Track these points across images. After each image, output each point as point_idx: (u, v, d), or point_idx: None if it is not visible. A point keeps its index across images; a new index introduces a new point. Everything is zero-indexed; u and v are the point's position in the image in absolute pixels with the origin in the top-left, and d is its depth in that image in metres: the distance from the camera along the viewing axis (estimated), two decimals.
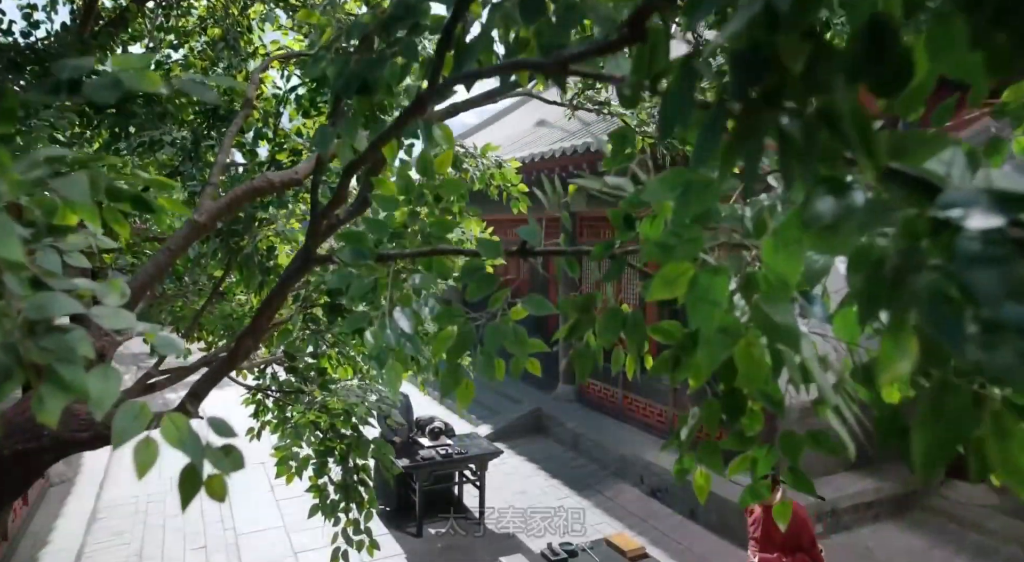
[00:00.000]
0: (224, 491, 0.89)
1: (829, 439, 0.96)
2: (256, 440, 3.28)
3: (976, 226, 0.42)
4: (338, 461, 2.33)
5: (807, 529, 3.96)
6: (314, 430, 2.30)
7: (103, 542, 6.29)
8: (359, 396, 2.19)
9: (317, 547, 6.18)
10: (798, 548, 3.93)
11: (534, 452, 8.79)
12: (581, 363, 1.13)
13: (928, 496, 6.89)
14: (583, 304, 1.02)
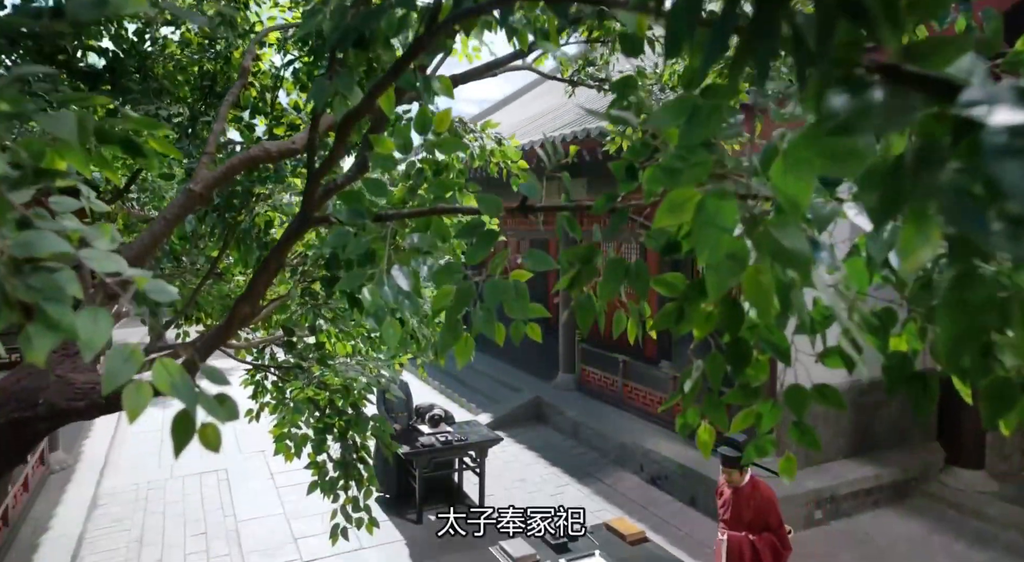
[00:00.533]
0: (218, 440, 0.87)
1: (836, 393, 0.94)
2: (255, 421, 3.27)
3: (1002, 121, 0.40)
4: (337, 438, 2.31)
5: (774, 510, 3.99)
6: (312, 409, 2.28)
7: (104, 528, 6.31)
8: (358, 371, 2.17)
9: (317, 533, 6.19)
10: (765, 528, 3.96)
11: (534, 440, 8.79)
12: (582, 314, 1.11)
13: (927, 483, 6.90)
14: (584, 254, 0.99)
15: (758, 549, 3.90)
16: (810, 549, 5.83)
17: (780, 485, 6.23)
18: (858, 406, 6.95)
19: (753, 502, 3.99)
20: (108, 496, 7.07)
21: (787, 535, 4.03)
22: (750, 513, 3.97)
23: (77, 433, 8.66)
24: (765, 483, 4.12)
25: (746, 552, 3.92)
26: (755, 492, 4.03)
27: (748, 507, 4.00)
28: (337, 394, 2.20)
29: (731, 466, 4.07)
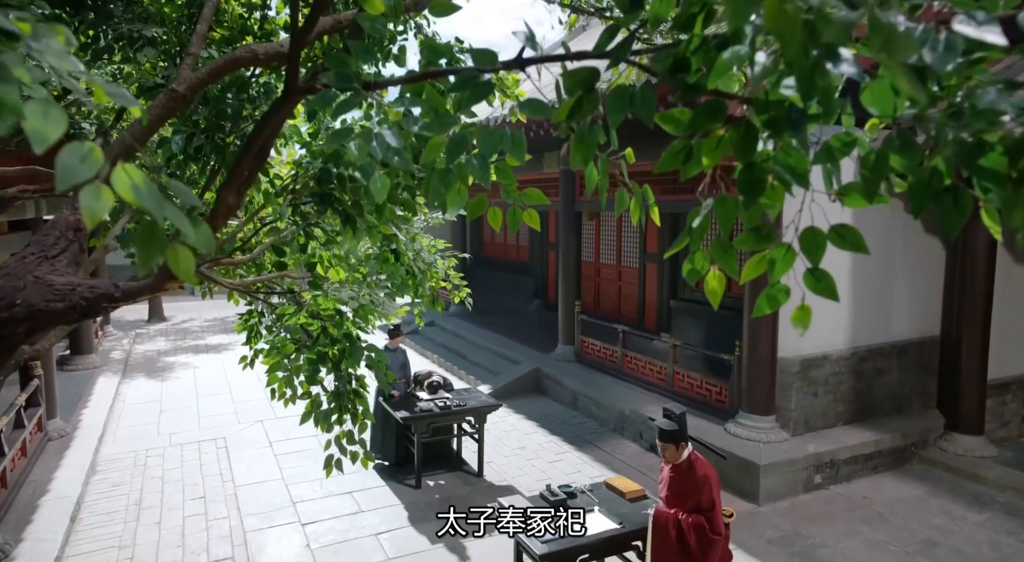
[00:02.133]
0: (191, 267, 0.79)
1: (854, 234, 0.87)
2: (250, 368, 3.22)
3: None
4: (330, 369, 2.26)
5: (708, 490, 3.59)
6: (305, 338, 2.22)
7: (103, 492, 6.30)
8: (351, 295, 2.11)
9: (316, 497, 6.20)
10: (697, 508, 3.60)
11: (533, 410, 8.78)
12: (582, 148, 1.04)
13: (927, 448, 6.90)
14: (586, 78, 0.92)
15: (684, 529, 3.53)
16: (809, 512, 5.83)
17: (780, 449, 6.24)
18: (858, 373, 6.92)
19: (689, 480, 3.64)
20: (106, 462, 7.06)
21: (721, 518, 3.60)
22: (686, 492, 3.63)
23: (75, 403, 8.65)
24: (705, 461, 3.72)
25: (671, 531, 3.57)
26: (692, 470, 3.66)
27: (683, 486, 3.65)
28: (330, 321, 2.14)
29: (668, 440, 3.71)
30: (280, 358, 2.24)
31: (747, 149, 0.79)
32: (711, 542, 3.51)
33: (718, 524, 3.53)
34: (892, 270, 7.06)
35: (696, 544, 3.50)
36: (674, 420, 3.73)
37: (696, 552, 3.51)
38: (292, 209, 2.01)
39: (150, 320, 15.80)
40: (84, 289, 1.53)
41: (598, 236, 12.18)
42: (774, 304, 1.00)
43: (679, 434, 3.70)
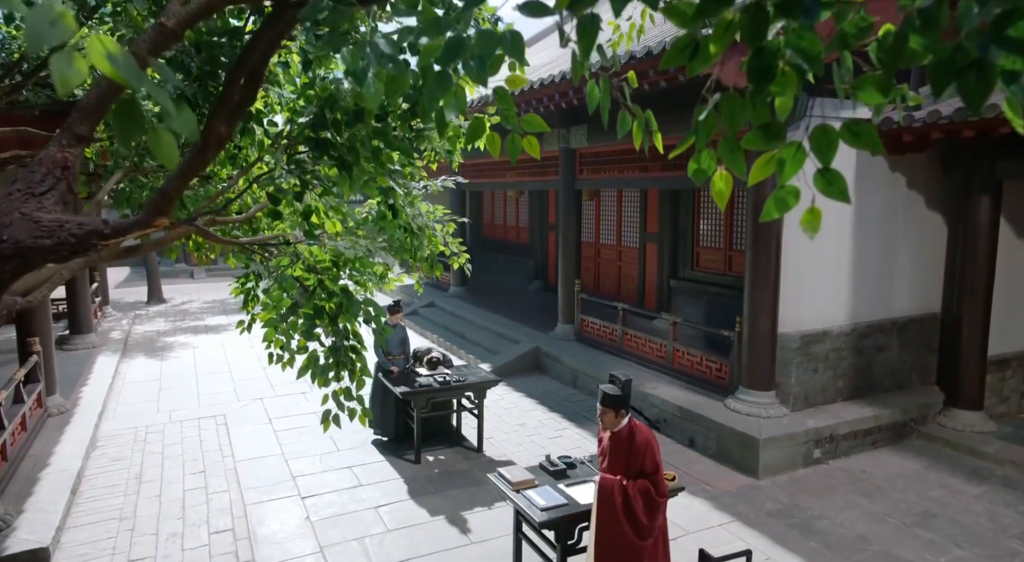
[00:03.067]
0: (174, 152, 0.76)
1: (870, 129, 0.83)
2: (247, 332, 3.19)
3: None
4: (327, 324, 2.22)
5: (651, 455, 3.55)
6: (302, 293, 2.18)
7: (103, 467, 6.31)
8: (347, 247, 2.07)
9: (315, 472, 6.21)
10: (640, 473, 3.56)
11: (533, 388, 8.79)
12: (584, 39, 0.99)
13: (926, 424, 6.91)
14: None
15: (630, 495, 3.49)
16: (808, 485, 5.85)
17: (779, 423, 6.24)
18: (858, 349, 6.91)
19: (629, 447, 3.58)
20: (106, 438, 7.07)
21: (664, 481, 3.60)
22: (626, 459, 3.58)
23: (74, 381, 8.65)
24: (644, 427, 3.67)
25: (617, 496, 3.52)
26: (632, 436, 3.60)
27: (624, 452, 3.60)
28: (328, 272, 2.10)
29: (608, 405, 3.62)
30: (276, 313, 2.20)
31: (758, 32, 0.75)
32: (657, 505, 3.55)
33: (663, 487, 3.57)
34: (893, 246, 7.03)
35: (643, 508, 3.50)
36: (619, 386, 3.65)
37: (643, 516, 3.51)
38: (287, 157, 1.96)
39: (149, 302, 15.78)
40: (72, 225, 1.49)
41: (598, 216, 12.12)
42: (783, 207, 0.96)
43: (621, 401, 3.63)
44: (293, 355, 2.75)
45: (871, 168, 6.70)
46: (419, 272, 3.40)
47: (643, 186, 9.26)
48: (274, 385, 9.04)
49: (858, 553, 4.74)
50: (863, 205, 6.72)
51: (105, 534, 5.05)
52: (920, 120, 5.92)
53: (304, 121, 1.89)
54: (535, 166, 10.82)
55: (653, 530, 3.58)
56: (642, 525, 3.55)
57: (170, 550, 4.84)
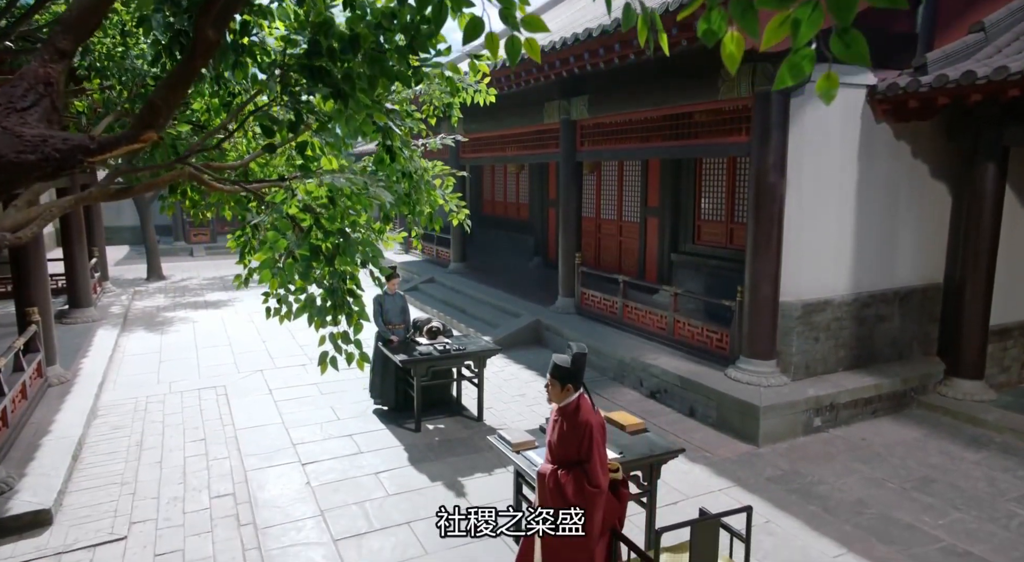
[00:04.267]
0: None
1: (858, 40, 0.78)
2: (244, 287, 3.16)
3: None
4: (323, 265, 2.18)
5: (587, 438, 3.25)
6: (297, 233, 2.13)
7: (104, 434, 6.33)
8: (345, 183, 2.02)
9: (316, 440, 6.22)
10: (577, 459, 3.29)
11: (533, 361, 8.78)
12: None
13: (926, 394, 6.91)
14: None
15: (561, 482, 3.24)
16: (808, 453, 5.86)
17: (780, 392, 6.24)
18: (860, 319, 6.88)
19: (571, 425, 3.30)
20: (107, 408, 7.08)
21: (599, 470, 3.24)
22: (563, 437, 3.32)
23: (75, 353, 8.64)
24: (591, 408, 3.35)
25: (549, 483, 3.28)
26: (575, 415, 3.31)
27: (563, 429, 3.33)
28: (324, 210, 2.05)
29: (556, 377, 3.34)
30: (272, 254, 2.16)
31: None
32: (590, 495, 3.20)
33: (595, 476, 3.19)
34: (897, 216, 6.97)
35: (573, 497, 3.20)
36: (571, 358, 3.36)
37: (576, 503, 3.20)
38: (281, 87, 1.90)
39: (149, 278, 15.74)
40: (57, 141, 1.44)
41: (599, 191, 12.03)
42: (798, 74, 0.91)
43: (568, 374, 3.33)
44: (291, 308, 2.72)
45: (875, 137, 6.61)
46: (418, 228, 3.34)
47: (645, 156, 9.15)
48: (274, 358, 9.04)
49: (857, 516, 4.76)
50: (866, 174, 6.65)
51: (107, 498, 5.07)
52: (927, 85, 5.83)
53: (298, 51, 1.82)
54: (535, 139, 10.71)
55: (595, 523, 3.23)
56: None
57: (171, 513, 4.85)
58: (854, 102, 6.47)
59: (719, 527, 3.38)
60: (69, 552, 4.34)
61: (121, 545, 4.43)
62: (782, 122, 6.20)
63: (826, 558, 4.23)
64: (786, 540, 4.45)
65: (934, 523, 4.64)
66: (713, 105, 6.94)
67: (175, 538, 4.52)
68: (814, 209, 6.42)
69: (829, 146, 6.38)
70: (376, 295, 6.80)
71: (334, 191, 2.04)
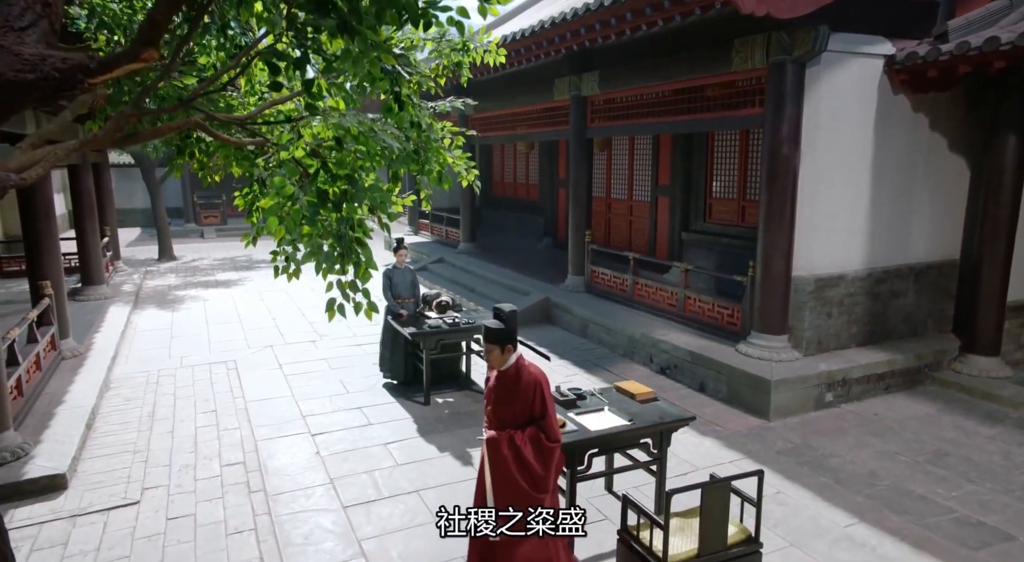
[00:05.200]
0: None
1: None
2: (252, 246, 3.14)
3: None
4: (330, 211, 2.14)
5: (539, 396, 3.12)
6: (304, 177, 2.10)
7: (116, 406, 6.39)
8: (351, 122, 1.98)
9: (325, 412, 6.25)
10: (531, 418, 3.15)
11: (542, 338, 8.76)
12: None
13: (940, 370, 6.83)
14: None
15: (518, 445, 3.09)
16: (819, 427, 5.81)
17: (791, 367, 6.18)
18: (873, 295, 6.79)
19: (516, 388, 3.15)
20: (119, 381, 7.14)
21: (556, 426, 3.18)
22: (513, 401, 3.15)
23: (87, 328, 8.72)
24: (534, 365, 3.21)
25: (504, 449, 3.11)
26: (519, 376, 3.15)
27: (511, 394, 3.17)
28: (331, 152, 2.01)
29: (492, 342, 3.20)
30: (279, 200, 2.13)
31: None
32: (550, 451, 3.13)
33: (554, 431, 3.13)
34: (913, 190, 6.84)
35: (534, 456, 3.09)
36: (502, 320, 3.22)
37: (536, 466, 3.09)
38: (287, 23, 1.86)
39: (160, 259, 15.84)
40: (56, 60, 1.41)
41: (609, 170, 11.92)
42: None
43: (504, 335, 3.20)
44: (299, 265, 2.69)
45: (892, 108, 6.47)
46: (427, 189, 3.30)
47: (656, 131, 9.03)
48: (284, 334, 9.08)
49: (869, 487, 4.72)
50: (882, 147, 6.52)
51: (120, 465, 5.12)
52: (947, 53, 5.68)
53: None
54: (545, 116, 10.60)
55: (549, 481, 3.16)
56: (537, 475, 3.14)
57: (183, 480, 4.90)
58: (871, 72, 6.32)
59: (730, 491, 3.35)
60: (84, 515, 4.39)
61: (134, 509, 4.48)
62: (797, 93, 6.09)
63: (837, 527, 4.20)
64: (797, 510, 4.42)
65: (947, 495, 4.60)
66: (726, 77, 6.82)
67: (187, 503, 4.56)
68: (828, 182, 6.31)
69: (845, 118, 6.26)
70: (385, 269, 6.80)
71: (341, 132, 1.99)
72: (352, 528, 4.23)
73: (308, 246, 2.12)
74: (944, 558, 3.86)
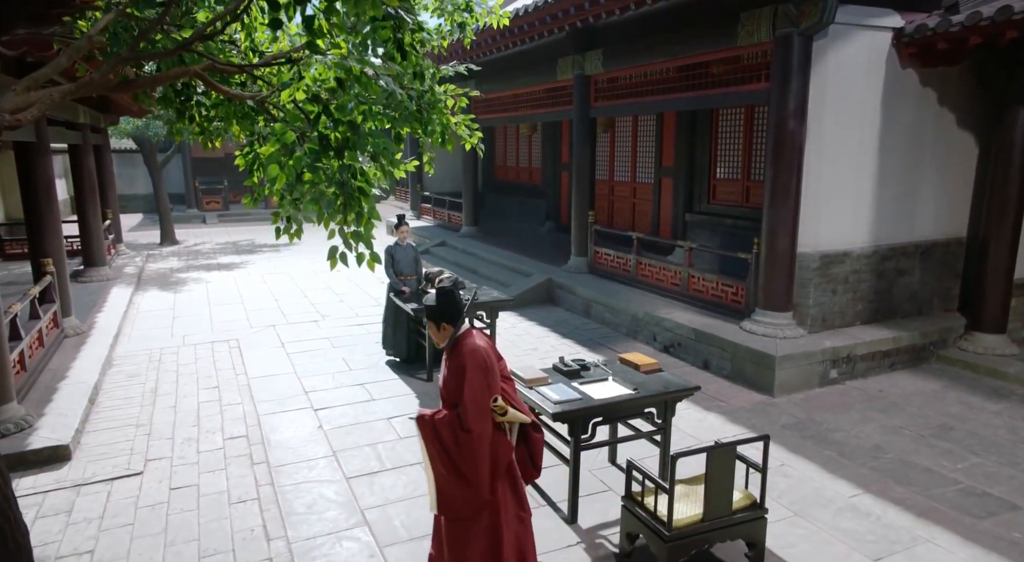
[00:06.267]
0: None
1: None
2: (255, 206, 3.10)
3: None
4: (332, 158, 2.10)
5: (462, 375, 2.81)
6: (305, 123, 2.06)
7: (119, 382, 6.39)
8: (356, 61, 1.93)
9: (328, 388, 6.24)
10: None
11: (545, 318, 8.75)
12: None
13: (946, 348, 6.79)
14: None
15: (437, 426, 2.83)
16: (824, 403, 5.79)
17: (796, 343, 6.14)
18: (879, 272, 6.74)
19: (451, 367, 2.90)
20: (122, 358, 7.14)
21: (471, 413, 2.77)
22: (449, 381, 2.92)
23: (90, 308, 8.71)
24: (472, 347, 2.85)
25: (426, 428, 2.86)
26: (457, 356, 2.87)
27: (450, 373, 2.92)
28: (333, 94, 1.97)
29: (430, 318, 2.97)
30: (279, 148, 2.08)
31: None
32: (465, 440, 2.79)
33: (467, 419, 2.76)
34: (920, 167, 6.77)
35: (451, 441, 2.82)
36: (443, 295, 2.97)
37: (454, 451, 2.82)
38: None
39: (162, 243, 15.83)
40: None
41: (612, 153, 11.84)
42: None
43: (436, 312, 2.95)
44: (300, 224, 2.66)
45: (899, 83, 6.39)
46: (430, 151, 3.25)
47: (661, 109, 8.94)
48: (287, 314, 9.07)
49: (873, 460, 4.70)
50: (889, 122, 6.44)
51: (123, 437, 5.12)
52: (958, 23, 5.59)
53: None
54: (548, 97, 10.52)
55: (474, 472, 2.81)
56: (456, 462, 2.80)
57: (186, 452, 4.90)
58: (879, 46, 6.24)
59: (735, 456, 3.33)
60: (87, 484, 4.39)
61: (138, 479, 4.48)
62: (803, 67, 6.01)
63: (842, 498, 4.18)
64: (801, 481, 4.40)
65: (952, 467, 4.58)
66: (731, 52, 6.74)
67: (190, 474, 4.56)
68: (834, 158, 6.24)
69: (851, 92, 6.18)
70: (388, 246, 6.75)
71: (342, 72, 1.95)
72: (355, 498, 4.22)
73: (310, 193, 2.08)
74: (950, 527, 3.84)
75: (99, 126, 12.14)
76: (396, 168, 2.26)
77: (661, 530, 3.18)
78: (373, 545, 3.71)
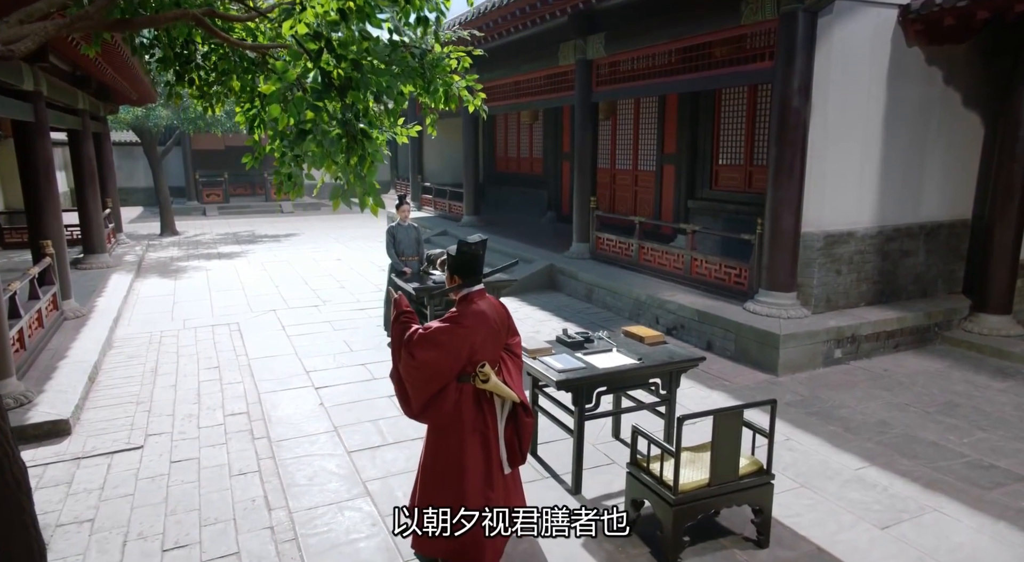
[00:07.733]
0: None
1: None
2: (256, 165, 3.06)
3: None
4: (335, 98, 2.06)
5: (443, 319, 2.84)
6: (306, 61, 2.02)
7: (119, 362, 6.35)
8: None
9: (328, 368, 6.20)
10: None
11: (547, 303, 8.71)
12: None
13: (950, 329, 6.75)
14: None
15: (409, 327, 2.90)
16: (828, 381, 5.75)
17: (800, 323, 6.10)
18: (883, 253, 6.70)
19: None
20: (122, 340, 7.11)
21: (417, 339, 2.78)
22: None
23: (90, 293, 8.68)
24: (478, 305, 2.89)
25: (396, 328, 2.92)
26: (461, 307, 2.93)
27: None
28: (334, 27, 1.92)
29: (449, 266, 3.01)
30: (281, 86, 2.04)
31: None
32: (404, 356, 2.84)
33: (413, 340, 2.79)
34: (925, 147, 6.72)
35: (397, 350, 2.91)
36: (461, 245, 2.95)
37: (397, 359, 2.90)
38: None
39: (162, 234, 15.80)
40: None
41: (614, 140, 11.79)
42: None
43: (454, 263, 2.96)
44: (301, 181, 2.62)
45: (905, 61, 6.34)
46: (433, 113, 3.21)
47: (663, 91, 8.87)
48: (287, 299, 9.03)
49: (879, 435, 4.66)
50: (894, 101, 6.39)
51: (123, 414, 5.08)
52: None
53: None
54: (550, 83, 10.47)
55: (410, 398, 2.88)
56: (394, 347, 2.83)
57: (186, 427, 4.86)
58: (885, 23, 6.19)
59: (742, 420, 3.29)
60: (87, 457, 4.36)
61: (138, 453, 4.45)
62: (808, 44, 5.96)
63: (848, 470, 4.15)
64: (806, 454, 4.37)
65: (959, 441, 4.54)
66: (735, 31, 6.69)
67: (190, 448, 4.52)
68: (839, 137, 6.19)
69: (857, 70, 6.13)
70: (389, 226, 6.71)
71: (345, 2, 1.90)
72: (357, 471, 4.19)
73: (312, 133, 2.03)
74: (957, 497, 3.81)
75: (99, 115, 12.09)
76: (400, 105, 2.22)
77: (667, 494, 3.14)
78: (375, 514, 3.67)
